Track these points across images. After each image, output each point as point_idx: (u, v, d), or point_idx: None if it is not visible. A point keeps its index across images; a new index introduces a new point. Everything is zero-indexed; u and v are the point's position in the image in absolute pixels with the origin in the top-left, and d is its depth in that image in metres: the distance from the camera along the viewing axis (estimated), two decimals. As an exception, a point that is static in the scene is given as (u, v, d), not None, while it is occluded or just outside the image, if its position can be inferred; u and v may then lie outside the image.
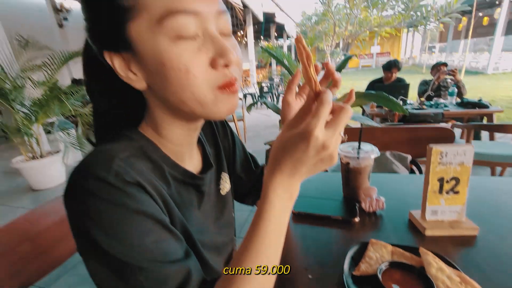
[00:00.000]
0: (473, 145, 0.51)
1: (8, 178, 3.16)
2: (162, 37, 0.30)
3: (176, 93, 0.32)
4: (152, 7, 0.29)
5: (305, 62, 0.31)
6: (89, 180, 0.30)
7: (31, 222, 0.58)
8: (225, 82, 0.34)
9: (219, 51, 0.32)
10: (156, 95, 0.35)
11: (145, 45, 0.31)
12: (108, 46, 0.33)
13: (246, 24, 8.97)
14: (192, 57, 0.31)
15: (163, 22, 0.29)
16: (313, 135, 0.28)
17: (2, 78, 2.44)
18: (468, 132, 2.03)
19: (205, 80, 0.32)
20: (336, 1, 5.99)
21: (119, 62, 0.33)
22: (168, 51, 0.30)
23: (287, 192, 0.33)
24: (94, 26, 0.33)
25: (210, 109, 0.34)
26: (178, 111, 0.36)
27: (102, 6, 0.31)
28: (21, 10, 6.38)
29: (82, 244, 0.32)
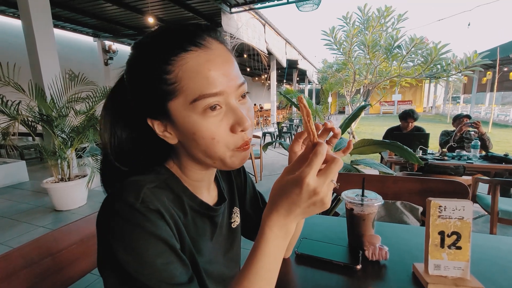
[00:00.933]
0: (470, 201, 0.52)
1: (36, 197, 3.36)
2: (193, 113, 0.38)
3: (203, 152, 0.41)
4: (188, 91, 0.37)
5: (305, 118, 0.37)
6: (120, 204, 0.37)
7: (56, 239, 0.65)
8: (241, 144, 0.42)
9: (238, 120, 0.40)
10: (185, 149, 0.44)
11: (180, 117, 0.39)
12: (150, 115, 0.41)
13: (270, 68, 9.60)
14: (217, 127, 0.39)
15: (195, 103, 0.37)
16: (305, 182, 0.34)
17: (50, 107, 2.77)
18: (493, 187, 1.93)
19: (226, 143, 0.40)
20: (356, 52, 6.32)
21: (158, 125, 0.41)
22: (198, 123, 0.38)
23: (282, 231, 0.37)
24: (142, 100, 0.40)
25: (227, 163, 0.42)
26: (201, 162, 0.44)
27: (148, 89, 0.39)
28: (76, 49, 7.39)
29: (103, 256, 0.37)
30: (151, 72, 0.37)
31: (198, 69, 0.37)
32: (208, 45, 0.39)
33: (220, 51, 0.40)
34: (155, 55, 0.37)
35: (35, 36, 3.08)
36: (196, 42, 0.38)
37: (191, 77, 0.37)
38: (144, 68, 0.38)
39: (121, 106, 0.44)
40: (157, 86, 0.37)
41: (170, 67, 0.37)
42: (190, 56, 0.37)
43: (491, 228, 1.89)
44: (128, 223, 0.36)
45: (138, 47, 0.40)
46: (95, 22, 6.46)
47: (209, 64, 0.37)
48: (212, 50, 0.39)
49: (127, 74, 0.41)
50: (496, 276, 0.57)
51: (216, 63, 0.38)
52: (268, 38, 6.76)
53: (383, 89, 7.25)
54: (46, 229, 2.51)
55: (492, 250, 0.67)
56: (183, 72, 0.37)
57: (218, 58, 0.39)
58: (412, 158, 1.43)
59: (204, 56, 0.38)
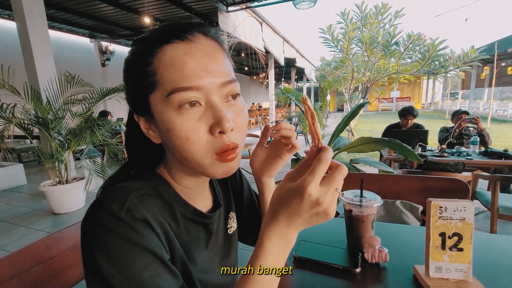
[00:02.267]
0: (472, 201, 0.51)
1: (34, 201, 3.34)
2: (169, 109, 0.36)
3: (180, 153, 0.38)
4: (164, 84, 0.36)
5: (310, 121, 0.35)
6: (104, 213, 0.35)
7: (48, 246, 0.63)
8: (222, 148, 0.37)
9: (216, 120, 0.36)
10: (168, 149, 0.42)
11: (158, 113, 0.37)
12: (136, 110, 0.41)
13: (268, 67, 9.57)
14: (192, 126, 0.36)
15: (169, 97, 0.35)
16: (307, 192, 0.31)
17: (46, 110, 2.75)
18: (493, 183, 1.92)
19: (203, 145, 0.37)
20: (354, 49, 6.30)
21: (143, 122, 0.41)
22: (172, 120, 0.36)
23: (282, 241, 0.35)
24: (129, 94, 0.41)
25: (207, 170, 0.39)
26: (184, 165, 0.42)
27: (134, 82, 0.39)
28: (72, 50, 7.34)
29: (87, 268, 0.35)
30: (136, 65, 0.38)
31: (174, 60, 0.35)
32: (192, 39, 0.37)
33: (203, 46, 0.38)
34: (142, 49, 0.37)
35: (30, 38, 3.05)
36: (180, 36, 0.37)
37: (167, 69, 0.35)
38: (132, 61, 0.39)
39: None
40: (140, 78, 0.37)
41: (151, 58, 0.36)
42: (170, 47, 0.36)
43: (491, 225, 1.88)
44: (112, 234, 0.34)
45: (133, 43, 0.40)
46: (91, 23, 6.42)
47: (186, 57, 0.35)
48: (195, 43, 0.37)
49: (123, 72, 0.41)
50: (499, 278, 0.55)
51: (195, 56, 0.36)
52: (265, 36, 6.73)
53: (381, 86, 7.23)
54: (44, 232, 2.50)
55: (494, 251, 0.65)
56: (160, 64, 0.36)
57: (199, 51, 0.37)
58: (411, 155, 1.42)
59: (183, 48, 0.36)
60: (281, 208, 0.34)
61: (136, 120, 0.41)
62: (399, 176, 1.09)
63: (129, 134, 0.46)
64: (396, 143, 1.42)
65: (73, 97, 2.91)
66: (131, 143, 0.46)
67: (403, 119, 3.20)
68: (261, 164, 0.54)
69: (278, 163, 0.53)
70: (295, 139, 0.51)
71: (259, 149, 0.54)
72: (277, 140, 0.52)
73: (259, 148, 0.54)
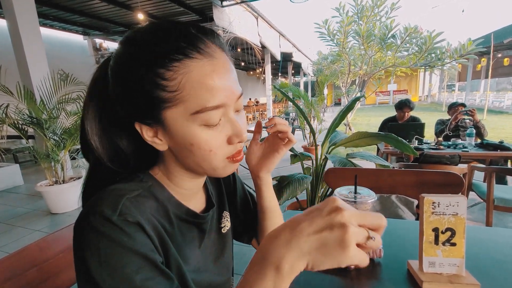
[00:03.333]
0: (465, 197, 0.51)
1: (30, 201, 3.33)
2: (193, 124, 0.37)
3: (197, 162, 0.40)
4: (190, 102, 0.35)
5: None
6: (96, 217, 0.35)
7: (42, 249, 0.62)
8: (234, 154, 0.42)
9: (236, 133, 0.40)
10: (176, 157, 0.42)
11: (178, 127, 0.37)
12: (139, 119, 0.38)
13: (264, 62, 9.52)
14: (215, 140, 0.38)
15: (197, 115, 0.36)
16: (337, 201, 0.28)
17: (40, 109, 2.72)
18: (489, 175, 1.93)
19: (222, 154, 0.40)
20: (350, 43, 6.27)
21: (147, 130, 0.39)
22: (197, 135, 0.37)
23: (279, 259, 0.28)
24: (130, 102, 0.37)
25: (219, 172, 0.42)
26: (192, 170, 0.43)
27: (140, 92, 0.35)
28: (65, 48, 7.24)
29: (79, 272, 0.35)
30: (145, 75, 0.34)
31: (203, 80, 0.35)
32: (212, 53, 0.36)
33: (223, 60, 0.38)
34: (151, 57, 0.34)
35: (21, 36, 3.00)
36: (199, 49, 0.35)
37: (195, 88, 0.35)
38: (136, 68, 0.34)
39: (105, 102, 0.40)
40: (152, 91, 0.35)
41: (171, 73, 0.34)
42: (195, 64, 0.35)
43: (487, 216, 1.90)
44: (104, 238, 0.34)
45: (129, 44, 0.36)
46: (84, 20, 6.32)
47: (213, 75, 0.36)
48: (217, 60, 0.37)
49: (113, 71, 0.37)
50: (492, 271, 0.56)
51: (220, 74, 0.36)
52: (261, 31, 6.67)
53: (378, 79, 7.22)
54: (42, 233, 2.49)
55: (488, 243, 0.66)
56: (186, 82, 0.34)
57: (222, 68, 0.37)
58: (407, 149, 1.42)
59: (209, 67, 0.35)
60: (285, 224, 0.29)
61: (137, 129, 0.38)
62: (394, 171, 1.10)
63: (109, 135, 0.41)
64: (391, 137, 1.42)
65: (67, 96, 2.88)
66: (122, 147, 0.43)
67: (400, 111, 3.21)
68: (258, 160, 0.55)
69: (275, 158, 0.54)
70: (291, 133, 0.51)
71: (254, 146, 0.55)
72: (271, 135, 0.53)
73: (254, 144, 0.55)
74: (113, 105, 0.39)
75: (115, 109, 0.39)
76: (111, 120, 0.41)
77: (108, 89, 0.38)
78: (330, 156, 1.64)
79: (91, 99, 0.41)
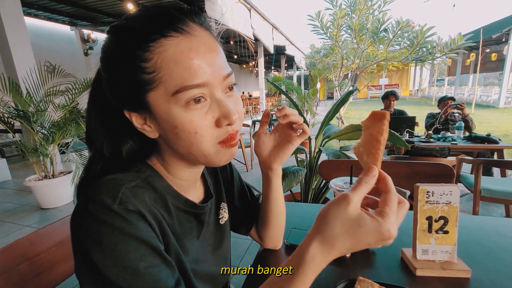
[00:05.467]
0: (458, 185, 0.52)
1: (19, 196, 3.25)
2: (175, 106, 0.35)
3: (185, 147, 0.38)
4: (168, 82, 0.34)
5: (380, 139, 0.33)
6: (95, 205, 0.34)
7: (33, 243, 0.61)
8: (226, 137, 0.39)
9: (223, 113, 0.37)
10: (167, 144, 0.40)
11: (161, 110, 0.36)
12: (128, 106, 0.38)
13: (257, 55, 9.44)
14: (200, 120, 0.36)
15: (176, 95, 0.34)
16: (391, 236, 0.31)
17: (27, 102, 2.63)
18: (476, 167, 1.99)
19: (210, 137, 0.38)
20: (343, 36, 6.27)
21: (136, 117, 0.38)
22: (180, 116, 0.35)
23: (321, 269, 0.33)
24: (116, 89, 0.37)
25: (212, 159, 0.40)
26: (185, 158, 0.41)
27: (125, 77, 0.35)
28: (52, 39, 6.98)
29: (80, 263, 0.34)
30: (126, 59, 0.34)
31: (179, 57, 0.34)
32: (190, 31, 0.35)
33: (204, 39, 0.36)
34: (131, 40, 0.34)
35: (4, 25, 2.88)
36: (176, 27, 0.34)
37: (171, 67, 0.33)
38: (119, 54, 0.35)
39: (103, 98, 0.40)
40: (134, 74, 0.34)
41: (148, 54, 0.33)
42: (170, 42, 0.34)
43: (474, 207, 1.97)
44: (105, 226, 0.33)
45: (113, 31, 0.36)
46: (71, 10, 6.09)
47: (191, 53, 0.34)
48: (196, 37, 0.35)
49: (102, 62, 0.37)
50: (482, 257, 0.58)
51: (199, 52, 0.35)
52: (254, 23, 6.58)
53: (370, 73, 7.27)
54: (32, 228, 2.44)
55: (477, 231, 0.68)
56: (161, 61, 0.33)
57: (201, 46, 0.35)
58: (399, 142, 1.44)
59: (185, 44, 0.34)
60: (345, 240, 0.32)
61: (127, 117, 0.38)
62: (387, 162, 1.11)
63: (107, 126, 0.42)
64: (384, 129, 1.44)
65: (55, 88, 2.79)
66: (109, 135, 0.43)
67: (386, 100, 3.37)
68: (270, 152, 0.53)
69: (289, 149, 0.52)
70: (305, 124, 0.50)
71: (264, 136, 0.53)
72: (280, 125, 0.51)
73: (263, 135, 0.53)
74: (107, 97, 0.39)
75: (109, 101, 0.39)
76: (107, 112, 0.41)
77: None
78: (324, 149, 1.65)
79: (92, 94, 0.42)
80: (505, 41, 10.90)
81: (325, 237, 0.32)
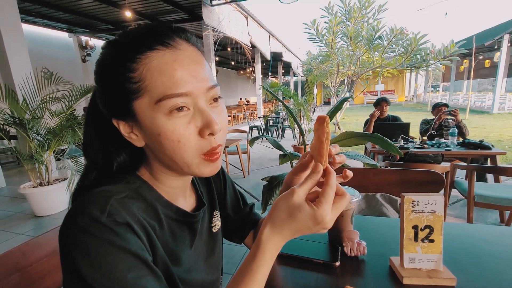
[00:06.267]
0: (442, 195, 0.53)
1: (14, 203, 3.22)
2: (159, 114, 0.37)
3: (168, 155, 0.39)
4: (152, 91, 0.36)
5: (323, 140, 0.38)
6: (84, 218, 0.35)
7: (24, 253, 0.61)
8: (208, 150, 0.40)
9: (206, 123, 0.38)
10: (153, 152, 0.42)
11: (146, 118, 0.38)
12: (116, 115, 0.40)
13: (254, 62, 9.52)
14: (183, 129, 0.37)
15: (160, 103, 0.36)
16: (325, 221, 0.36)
17: (23, 109, 2.63)
18: (470, 173, 2.02)
19: (193, 147, 0.39)
20: (339, 43, 6.36)
21: (124, 126, 0.40)
22: (163, 124, 0.37)
23: (278, 250, 0.40)
24: (106, 99, 0.40)
25: (194, 170, 0.41)
26: (170, 167, 0.42)
27: (112, 87, 0.38)
28: (50, 46, 7.01)
29: (68, 276, 0.35)
30: (116, 70, 0.37)
31: (163, 68, 0.36)
32: (176, 46, 0.38)
33: (188, 52, 0.39)
34: (121, 53, 0.37)
35: (1, 32, 2.89)
36: (163, 42, 0.37)
37: (155, 77, 0.36)
38: (110, 65, 0.38)
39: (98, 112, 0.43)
40: (122, 84, 0.37)
41: (135, 65, 0.36)
42: (156, 55, 0.36)
43: (468, 212, 1.98)
44: (94, 239, 0.34)
45: (107, 46, 0.39)
46: (69, 17, 6.14)
47: (175, 64, 0.36)
48: (181, 51, 0.38)
49: (95, 74, 0.40)
50: (468, 265, 0.59)
51: (182, 63, 0.37)
52: (251, 30, 6.67)
53: (366, 79, 7.36)
54: (27, 236, 2.42)
55: (466, 239, 0.69)
56: (147, 71, 0.36)
57: (186, 58, 0.38)
58: (392, 149, 1.46)
59: (170, 56, 0.37)
60: (290, 223, 0.38)
61: (115, 125, 0.40)
62: (379, 170, 1.13)
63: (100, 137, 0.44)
64: (377, 137, 1.46)
65: (51, 95, 2.79)
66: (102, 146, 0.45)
67: (379, 107, 3.39)
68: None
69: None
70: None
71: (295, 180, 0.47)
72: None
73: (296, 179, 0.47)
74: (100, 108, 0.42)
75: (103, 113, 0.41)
76: (102, 125, 0.43)
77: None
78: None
79: (89, 107, 0.45)
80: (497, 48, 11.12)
81: (275, 221, 0.38)
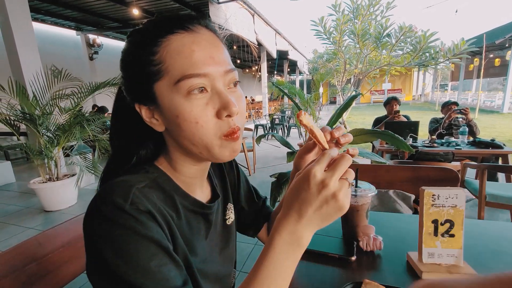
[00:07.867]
0: (463, 189, 0.52)
1: (23, 198, 3.27)
2: (178, 95, 0.37)
3: (188, 138, 0.39)
4: (172, 72, 0.37)
5: (311, 129, 0.38)
6: (108, 206, 0.35)
7: (41, 243, 0.62)
8: (228, 131, 0.39)
9: (223, 105, 0.38)
10: (173, 137, 0.42)
11: (165, 100, 0.38)
12: (138, 100, 0.41)
13: (260, 60, 9.50)
14: (201, 110, 0.37)
15: (178, 84, 0.36)
16: (312, 173, 0.33)
17: (33, 105, 2.67)
18: (481, 172, 1.98)
19: (211, 129, 0.38)
20: (346, 41, 6.30)
21: (145, 111, 0.41)
22: (181, 105, 0.37)
23: (293, 236, 0.34)
24: (129, 84, 0.41)
25: (215, 153, 0.40)
26: (189, 151, 0.42)
27: (136, 71, 0.39)
28: (58, 43, 7.10)
29: (92, 262, 0.35)
30: (138, 54, 0.38)
31: (182, 49, 0.37)
32: (195, 30, 0.39)
33: (207, 36, 0.39)
34: (144, 38, 0.38)
35: (12, 30, 2.93)
36: (183, 26, 0.38)
37: (175, 58, 0.37)
38: (133, 51, 0.39)
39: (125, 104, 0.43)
40: (143, 67, 0.37)
41: (156, 48, 0.37)
42: (176, 37, 0.37)
43: (479, 212, 1.95)
44: (117, 226, 0.34)
45: (131, 35, 0.40)
46: (77, 15, 6.21)
47: (193, 45, 0.37)
48: (200, 34, 0.39)
49: (120, 62, 0.41)
50: (488, 261, 0.57)
51: (201, 45, 0.38)
52: (257, 28, 6.65)
53: (373, 78, 7.28)
54: (36, 230, 2.46)
55: (482, 235, 0.68)
56: (167, 53, 0.37)
57: (204, 41, 0.38)
58: (403, 146, 1.44)
59: (189, 38, 0.38)
60: (292, 200, 0.35)
61: (137, 110, 0.41)
62: (391, 166, 1.11)
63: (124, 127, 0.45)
64: (389, 134, 1.44)
65: (60, 92, 2.82)
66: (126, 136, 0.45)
67: (389, 106, 3.33)
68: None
69: None
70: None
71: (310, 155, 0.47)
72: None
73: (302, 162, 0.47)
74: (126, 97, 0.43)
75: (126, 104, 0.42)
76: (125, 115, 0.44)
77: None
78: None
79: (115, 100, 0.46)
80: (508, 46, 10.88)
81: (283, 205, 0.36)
